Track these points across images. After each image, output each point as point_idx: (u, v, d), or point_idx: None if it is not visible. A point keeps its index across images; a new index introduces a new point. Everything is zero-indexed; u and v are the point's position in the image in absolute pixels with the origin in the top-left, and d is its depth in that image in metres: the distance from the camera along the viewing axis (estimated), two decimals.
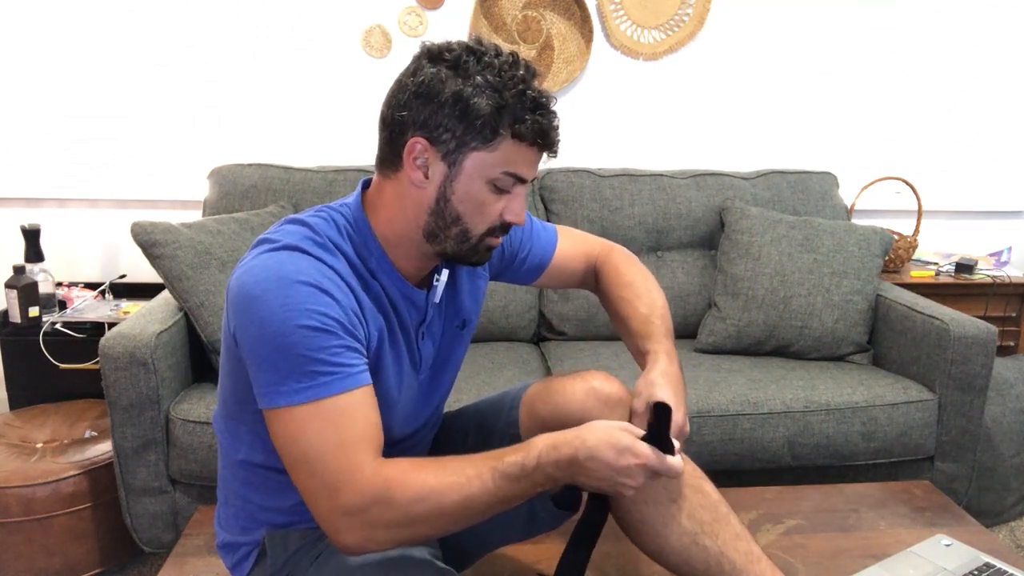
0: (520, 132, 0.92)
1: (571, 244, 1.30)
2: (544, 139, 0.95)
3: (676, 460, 0.94)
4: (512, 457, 0.91)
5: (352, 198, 1.03)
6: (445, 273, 1.07)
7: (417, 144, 0.93)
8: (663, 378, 1.06)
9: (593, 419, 1.04)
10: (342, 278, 0.94)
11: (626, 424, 0.95)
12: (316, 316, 0.88)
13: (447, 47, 0.94)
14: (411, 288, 1.03)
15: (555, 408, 1.09)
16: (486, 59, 0.92)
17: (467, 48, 0.93)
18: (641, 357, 1.15)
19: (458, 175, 0.94)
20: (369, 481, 0.89)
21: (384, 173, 0.98)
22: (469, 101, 0.90)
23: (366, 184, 1.04)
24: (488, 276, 1.21)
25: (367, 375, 0.94)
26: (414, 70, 0.94)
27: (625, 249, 1.32)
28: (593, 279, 1.31)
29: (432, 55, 0.94)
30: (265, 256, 0.93)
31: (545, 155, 0.99)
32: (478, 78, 0.91)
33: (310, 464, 0.89)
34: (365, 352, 0.96)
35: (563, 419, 1.07)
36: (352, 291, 0.95)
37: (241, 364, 0.94)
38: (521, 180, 0.97)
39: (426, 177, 0.94)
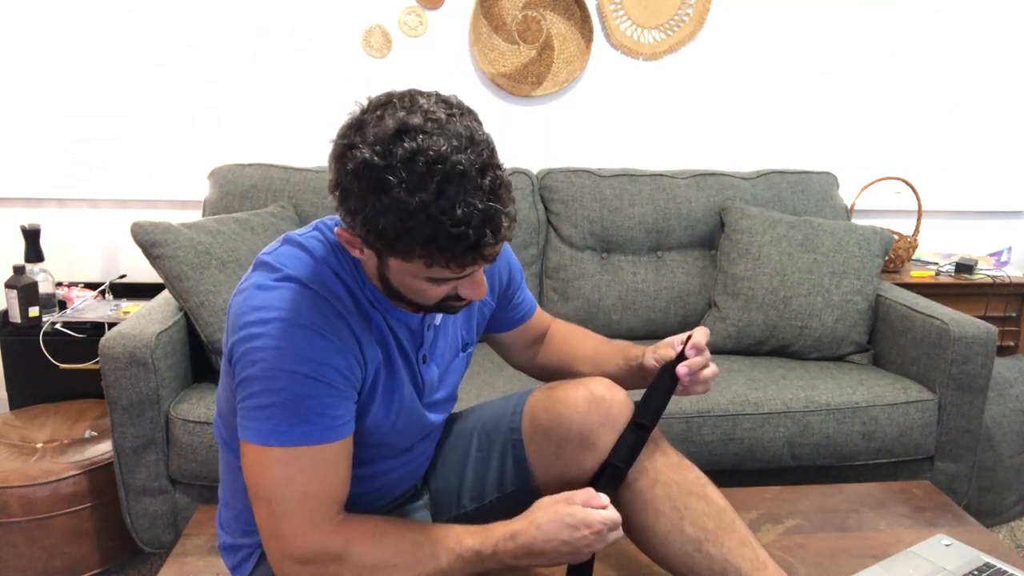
0: (430, 258, 0.82)
1: (540, 310, 1.31)
2: (462, 263, 0.83)
3: (614, 514, 0.95)
4: (470, 542, 0.94)
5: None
6: None
7: (344, 234, 0.89)
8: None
9: (596, 430, 1.06)
10: (341, 315, 0.93)
11: (570, 495, 0.96)
12: (310, 364, 0.88)
13: (354, 144, 0.82)
14: (404, 313, 1.01)
15: (558, 417, 1.08)
16: (392, 167, 0.79)
17: (365, 163, 0.80)
18: (634, 359, 1.16)
19: (388, 267, 0.89)
20: (328, 538, 0.91)
21: None
22: (373, 221, 0.81)
23: None
24: (494, 305, 1.21)
25: (349, 426, 0.94)
26: (335, 154, 0.85)
27: None
28: (540, 347, 1.31)
29: (341, 152, 0.83)
30: (265, 286, 0.92)
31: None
32: (383, 197, 0.80)
33: (271, 505, 0.91)
34: (358, 393, 0.95)
35: (565, 428, 1.07)
36: (351, 328, 0.93)
37: None
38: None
39: (363, 253, 0.90)
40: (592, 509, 0.94)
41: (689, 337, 1.07)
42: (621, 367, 1.17)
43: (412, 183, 0.79)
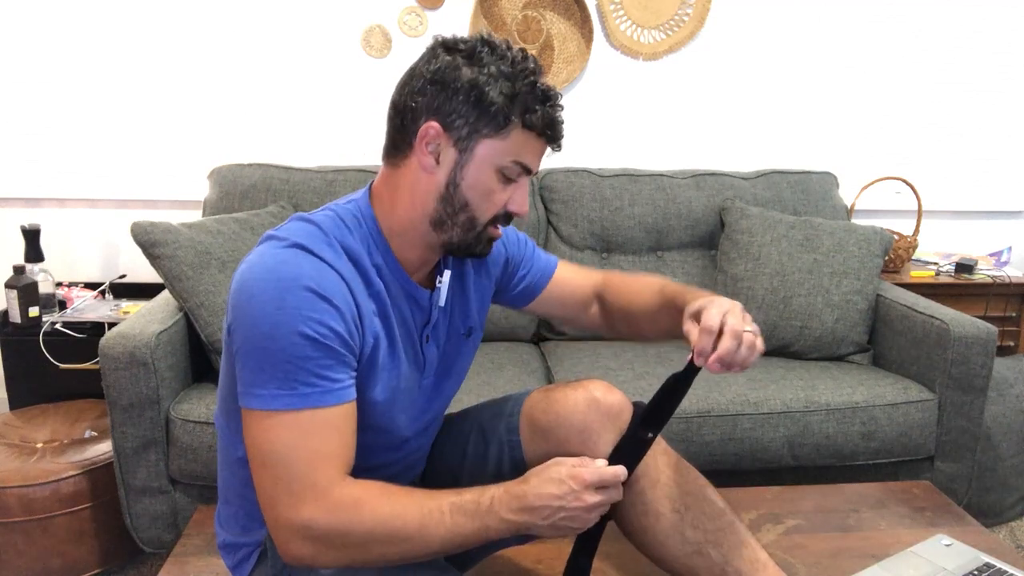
0: (530, 122, 0.95)
1: (574, 271, 1.30)
2: (552, 130, 0.98)
3: (618, 468, 0.96)
4: (469, 495, 0.94)
5: (360, 192, 1.04)
6: (447, 274, 1.07)
7: (430, 129, 0.95)
8: (719, 299, 1.01)
9: (595, 432, 1.05)
10: (344, 280, 0.93)
11: (571, 459, 0.97)
12: (311, 324, 0.88)
13: (462, 39, 0.97)
14: (415, 286, 1.03)
15: (556, 419, 1.08)
16: (499, 51, 0.96)
17: (481, 40, 0.97)
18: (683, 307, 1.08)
19: (468, 161, 0.96)
20: (338, 499, 0.90)
21: (392, 162, 1.00)
22: (483, 89, 0.93)
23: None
24: (493, 287, 1.21)
25: (351, 391, 0.94)
26: (429, 58, 0.97)
27: None
28: (598, 305, 1.29)
29: (447, 45, 0.97)
30: (269, 253, 0.92)
31: (549, 150, 1.01)
32: (492, 67, 0.94)
33: (276, 471, 0.90)
34: (357, 361, 0.95)
35: (564, 430, 1.07)
36: (353, 295, 0.94)
37: None
38: (527, 170, 0.99)
39: (437, 162, 0.96)
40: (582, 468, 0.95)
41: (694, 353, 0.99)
42: (676, 319, 1.12)
43: (516, 61, 0.96)
